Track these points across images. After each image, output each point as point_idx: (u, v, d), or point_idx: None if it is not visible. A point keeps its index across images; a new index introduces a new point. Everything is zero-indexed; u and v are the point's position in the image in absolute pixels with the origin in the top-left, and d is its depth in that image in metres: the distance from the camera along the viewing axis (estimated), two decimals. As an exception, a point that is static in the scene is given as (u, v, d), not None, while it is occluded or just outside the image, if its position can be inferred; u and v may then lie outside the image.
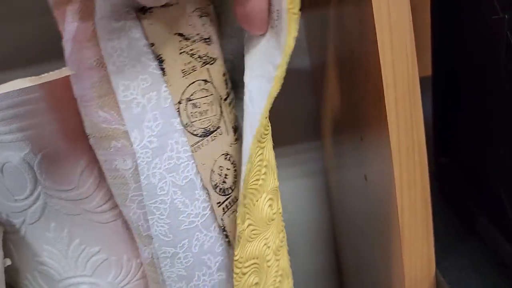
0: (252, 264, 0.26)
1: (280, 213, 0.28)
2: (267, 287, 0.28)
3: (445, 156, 0.36)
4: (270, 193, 0.26)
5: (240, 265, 0.26)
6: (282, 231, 0.29)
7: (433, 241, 0.30)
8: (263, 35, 0.23)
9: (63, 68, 0.24)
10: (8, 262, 0.30)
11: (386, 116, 0.28)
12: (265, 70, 0.22)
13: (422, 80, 0.28)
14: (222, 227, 0.25)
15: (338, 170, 0.51)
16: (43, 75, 0.25)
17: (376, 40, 0.27)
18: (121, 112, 0.22)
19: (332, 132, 0.51)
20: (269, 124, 0.26)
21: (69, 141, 0.26)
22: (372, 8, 0.26)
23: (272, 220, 0.27)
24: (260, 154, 0.25)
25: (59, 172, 0.27)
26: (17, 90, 0.25)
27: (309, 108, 0.58)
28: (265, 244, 0.27)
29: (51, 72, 0.25)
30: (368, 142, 0.35)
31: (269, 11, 0.22)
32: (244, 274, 0.26)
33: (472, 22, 0.30)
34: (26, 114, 0.25)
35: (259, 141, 0.24)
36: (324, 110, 0.54)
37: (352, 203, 0.45)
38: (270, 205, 0.27)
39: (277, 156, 0.64)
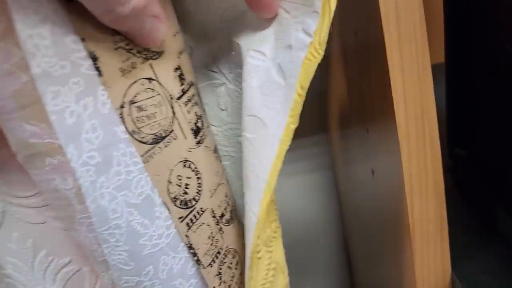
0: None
1: (273, 200, 0.25)
2: (258, 280, 0.24)
3: (461, 147, 0.32)
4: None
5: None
6: (275, 220, 0.26)
7: (448, 244, 0.26)
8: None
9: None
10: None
11: (393, 106, 0.25)
12: (294, 39, 0.21)
13: (434, 67, 0.25)
14: (188, 245, 0.22)
15: (345, 164, 0.48)
16: None
17: (381, 18, 0.24)
18: (52, 124, 0.18)
19: (338, 126, 0.47)
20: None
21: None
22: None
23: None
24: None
25: (17, 177, 0.24)
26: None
27: (315, 100, 0.55)
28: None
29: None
30: (374, 134, 0.31)
31: None
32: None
33: (489, 4, 0.26)
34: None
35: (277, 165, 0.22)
36: (330, 103, 0.51)
37: (360, 199, 0.42)
38: None
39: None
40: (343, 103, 0.42)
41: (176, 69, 0.22)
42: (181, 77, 0.22)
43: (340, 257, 0.62)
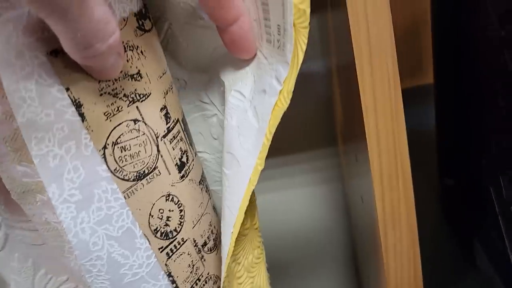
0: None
1: (256, 228, 0.26)
2: None
3: (450, 177, 0.32)
4: None
5: None
6: (258, 247, 0.27)
7: (420, 276, 0.27)
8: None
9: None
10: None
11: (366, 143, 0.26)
12: (268, 85, 0.22)
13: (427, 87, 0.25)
14: (168, 273, 0.23)
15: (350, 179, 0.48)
16: None
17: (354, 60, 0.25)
18: (36, 166, 0.19)
19: (342, 142, 0.48)
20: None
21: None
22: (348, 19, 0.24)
23: (244, 236, 0.26)
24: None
25: (17, 203, 0.26)
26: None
27: (325, 113, 0.56)
28: (234, 261, 0.26)
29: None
30: (361, 164, 0.32)
31: (261, 26, 0.21)
32: None
33: (472, 35, 0.26)
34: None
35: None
36: (336, 118, 0.52)
37: (357, 219, 0.43)
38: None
39: (293, 163, 0.63)
40: (342, 124, 0.43)
41: (162, 108, 0.23)
42: (166, 116, 0.23)
43: (348, 270, 0.63)
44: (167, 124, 0.23)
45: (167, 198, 0.23)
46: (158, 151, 0.22)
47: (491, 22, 0.23)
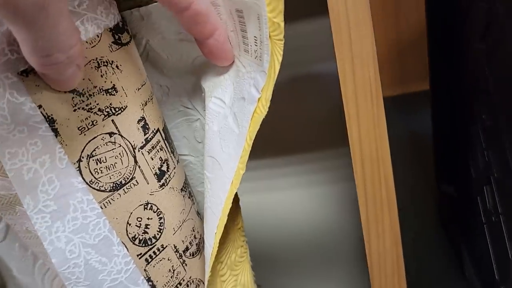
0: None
1: (239, 228, 0.27)
2: None
3: (447, 183, 0.32)
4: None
5: None
6: (242, 246, 0.28)
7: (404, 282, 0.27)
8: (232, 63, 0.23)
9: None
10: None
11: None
12: (247, 92, 0.22)
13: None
14: (147, 278, 0.24)
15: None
16: None
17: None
18: (11, 180, 0.20)
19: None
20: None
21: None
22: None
23: (227, 235, 0.27)
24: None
25: None
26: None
27: (337, 113, 0.57)
28: (216, 260, 0.26)
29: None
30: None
31: (238, 37, 0.22)
32: None
33: (460, 49, 0.26)
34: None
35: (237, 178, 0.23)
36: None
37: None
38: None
39: (306, 162, 0.63)
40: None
41: (140, 120, 0.23)
42: (144, 127, 0.24)
43: (362, 270, 0.63)
44: (145, 135, 0.24)
45: (146, 206, 0.24)
46: (136, 162, 0.23)
47: (475, 34, 0.23)
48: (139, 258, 0.23)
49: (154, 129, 0.24)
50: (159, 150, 0.25)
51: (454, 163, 0.30)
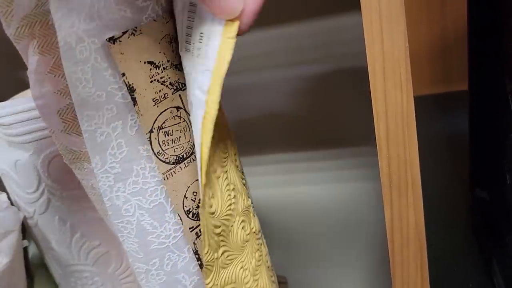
0: None
1: (254, 232, 0.27)
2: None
3: (481, 188, 0.31)
4: (242, 215, 0.26)
5: None
6: (258, 250, 0.28)
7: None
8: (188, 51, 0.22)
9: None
10: (26, 243, 0.34)
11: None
12: (193, 96, 0.21)
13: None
14: (194, 251, 0.25)
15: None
16: None
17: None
18: (84, 140, 0.22)
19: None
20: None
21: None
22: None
23: (246, 241, 0.27)
24: (225, 179, 0.24)
25: (60, 172, 0.29)
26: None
27: (365, 110, 0.56)
28: (241, 268, 0.27)
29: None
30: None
31: (183, 35, 0.21)
32: None
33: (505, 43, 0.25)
34: (31, 119, 0.28)
35: (221, 165, 0.23)
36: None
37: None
38: (243, 227, 0.26)
39: (333, 158, 0.63)
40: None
41: None
42: None
43: (389, 269, 0.62)
44: None
45: None
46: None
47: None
48: (191, 231, 0.24)
49: None
50: None
51: (490, 167, 0.29)
